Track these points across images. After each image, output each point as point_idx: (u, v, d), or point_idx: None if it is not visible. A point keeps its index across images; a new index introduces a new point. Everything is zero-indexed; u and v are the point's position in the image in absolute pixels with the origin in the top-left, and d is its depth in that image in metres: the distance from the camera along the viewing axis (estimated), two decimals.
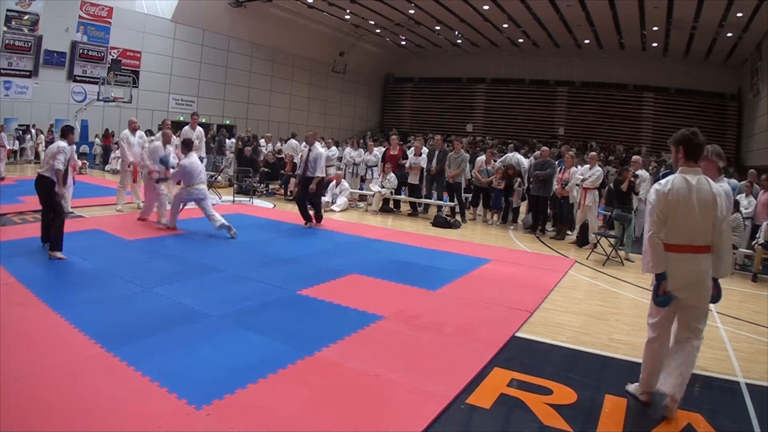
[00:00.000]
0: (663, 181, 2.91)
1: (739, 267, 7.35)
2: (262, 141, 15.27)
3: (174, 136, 8.99)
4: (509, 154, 10.78)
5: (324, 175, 8.38)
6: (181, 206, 7.47)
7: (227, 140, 15.93)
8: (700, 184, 2.84)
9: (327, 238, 7.61)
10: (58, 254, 5.30)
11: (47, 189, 5.50)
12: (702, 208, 2.80)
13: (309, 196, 8.16)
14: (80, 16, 17.57)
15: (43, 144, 16.16)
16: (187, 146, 7.38)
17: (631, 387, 3.15)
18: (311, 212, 8.34)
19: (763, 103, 17.89)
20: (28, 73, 16.64)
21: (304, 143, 8.60)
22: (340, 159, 12.67)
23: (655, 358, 3.01)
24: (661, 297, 2.88)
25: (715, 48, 20.99)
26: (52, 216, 5.52)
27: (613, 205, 7.89)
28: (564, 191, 8.58)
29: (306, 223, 8.21)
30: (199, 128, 9.74)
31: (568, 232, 8.92)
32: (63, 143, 5.74)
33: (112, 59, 18.21)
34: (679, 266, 2.84)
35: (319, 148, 8.33)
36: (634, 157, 9.12)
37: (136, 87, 18.66)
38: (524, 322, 4.32)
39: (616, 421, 2.83)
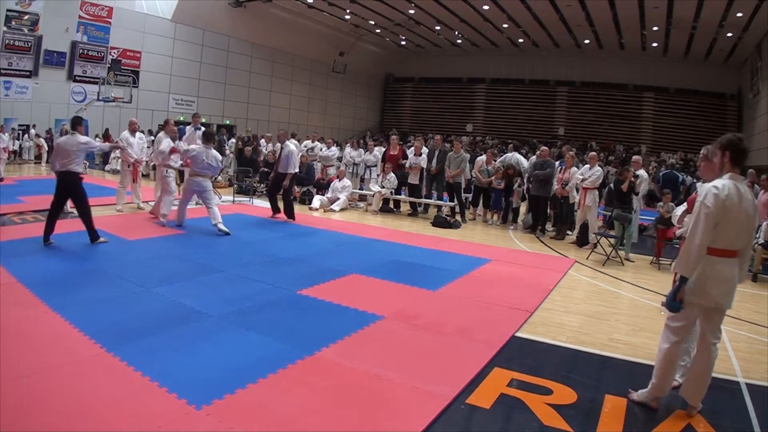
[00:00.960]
0: (719, 185, 2.83)
1: None
2: (262, 141, 15.27)
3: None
4: (509, 154, 10.78)
5: (296, 171, 8.93)
6: (189, 202, 7.61)
7: (228, 141, 15.93)
8: (745, 193, 2.86)
9: (327, 238, 7.61)
10: (102, 239, 5.97)
11: (74, 184, 5.80)
12: (747, 216, 2.84)
13: (281, 191, 8.78)
14: (80, 16, 17.57)
15: (45, 145, 16.16)
16: (207, 138, 7.51)
17: (638, 395, 3.05)
18: (281, 206, 8.91)
19: (763, 103, 17.89)
20: (28, 73, 16.64)
21: (278, 142, 9.10)
22: (340, 159, 12.68)
23: (674, 363, 2.98)
24: (677, 302, 2.86)
25: (715, 48, 21.00)
26: (80, 208, 5.88)
27: (613, 205, 7.89)
28: (564, 191, 8.58)
29: (273, 215, 8.89)
30: (202, 128, 9.73)
31: (568, 232, 8.93)
32: (79, 136, 5.97)
33: (112, 59, 18.21)
34: (724, 270, 2.84)
35: (290, 145, 8.83)
36: (635, 157, 9.11)
37: (136, 87, 18.67)
38: (524, 322, 4.32)
39: (616, 421, 2.83)
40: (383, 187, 10.61)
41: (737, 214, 2.80)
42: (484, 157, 10.45)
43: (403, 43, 27.80)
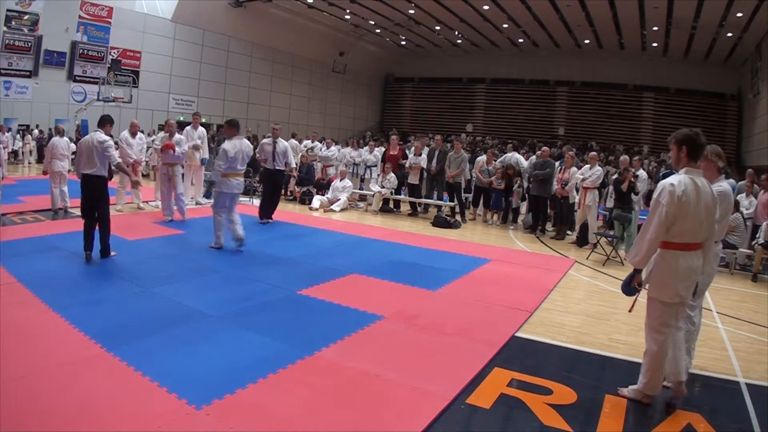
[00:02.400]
0: (675, 182, 2.85)
1: (739, 267, 7.35)
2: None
3: (177, 134, 9.15)
4: (508, 154, 10.80)
5: (295, 165, 8.80)
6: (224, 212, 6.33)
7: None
8: (703, 186, 2.90)
9: (327, 238, 7.61)
10: (112, 253, 5.48)
11: (101, 190, 5.36)
12: (706, 209, 2.88)
13: (275, 193, 8.55)
14: (80, 16, 17.57)
15: (32, 144, 16.03)
16: (233, 127, 6.45)
17: (629, 391, 3.08)
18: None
19: (763, 103, 17.89)
20: (28, 73, 16.65)
21: (272, 137, 8.60)
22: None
23: (663, 361, 3.00)
24: (632, 288, 3.05)
25: (715, 48, 20.99)
26: (100, 218, 5.35)
27: (614, 204, 7.89)
28: (564, 191, 8.58)
29: (263, 221, 8.37)
30: (201, 128, 9.75)
31: (568, 232, 8.93)
32: (103, 135, 5.46)
33: (112, 59, 18.21)
34: (688, 263, 2.89)
35: (283, 141, 8.69)
36: (622, 157, 9.04)
37: (136, 87, 18.66)
38: (524, 322, 4.32)
39: (616, 421, 2.83)
40: (383, 187, 10.61)
41: (696, 209, 2.84)
42: (484, 157, 10.46)
43: (403, 43, 27.78)
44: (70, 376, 2.87)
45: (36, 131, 16.64)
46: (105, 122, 5.71)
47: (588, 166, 8.31)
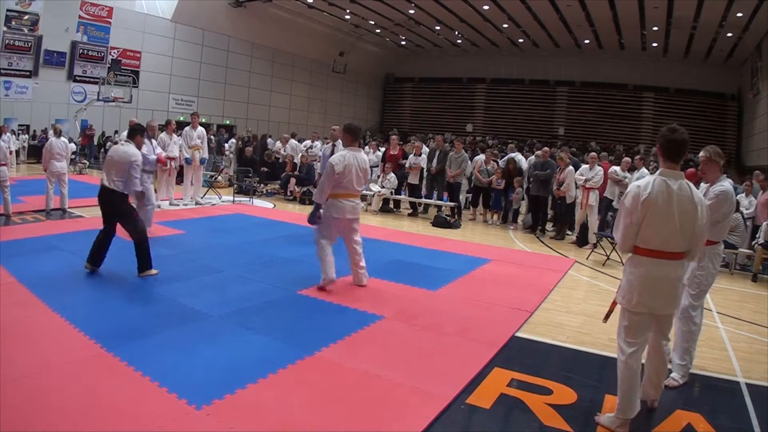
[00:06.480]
0: (642, 184, 2.62)
1: (739, 267, 7.35)
2: (270, 140, 15.39)
3: (175, 135, 9.15)
4: (510, 155, 10.80)
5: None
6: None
7: (228, 140, 15.96)
8: (681, 189, 2.58)
9: None
10: (152, 271, 4.86)
11: (115, 205, 4.81)
12: (682, 216, 2.56)
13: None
14: (80, 16, 17.59)
15: (11, 145, 15.87)
16: (350, 133, 5.00)
17: (604, 419, 2.78)
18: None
19: (763, 103, 17.89)
20: (28, 73, 16.66)
21: (328, 140, 7.76)
22: None
23: (636, 377, 2.68)
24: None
25: (715, 48, 20.99)
26: (129, 234, 4.82)
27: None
28: (560, 192, 8.57)
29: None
30: (200, 128, 9.75)
31: (568, 232, 8.93)
32: (132, 149, 4.70)
33: (112, 59, 18.23)
34: (657, 273, 2.61)
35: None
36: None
37: (136, 87, 18.67)
38: (524, 322, 4.32)
39: None
40: (383, 187, 10.61)
41: (666, 214, 2.55)
42: (482, 157, 10.46)
43: (403, 43, 27.79)
44: (70, 376, 2.87)
45: (39, 131, 16.69)
46: (135, 133, 4.80)
47: (587, 166, 8.31)
